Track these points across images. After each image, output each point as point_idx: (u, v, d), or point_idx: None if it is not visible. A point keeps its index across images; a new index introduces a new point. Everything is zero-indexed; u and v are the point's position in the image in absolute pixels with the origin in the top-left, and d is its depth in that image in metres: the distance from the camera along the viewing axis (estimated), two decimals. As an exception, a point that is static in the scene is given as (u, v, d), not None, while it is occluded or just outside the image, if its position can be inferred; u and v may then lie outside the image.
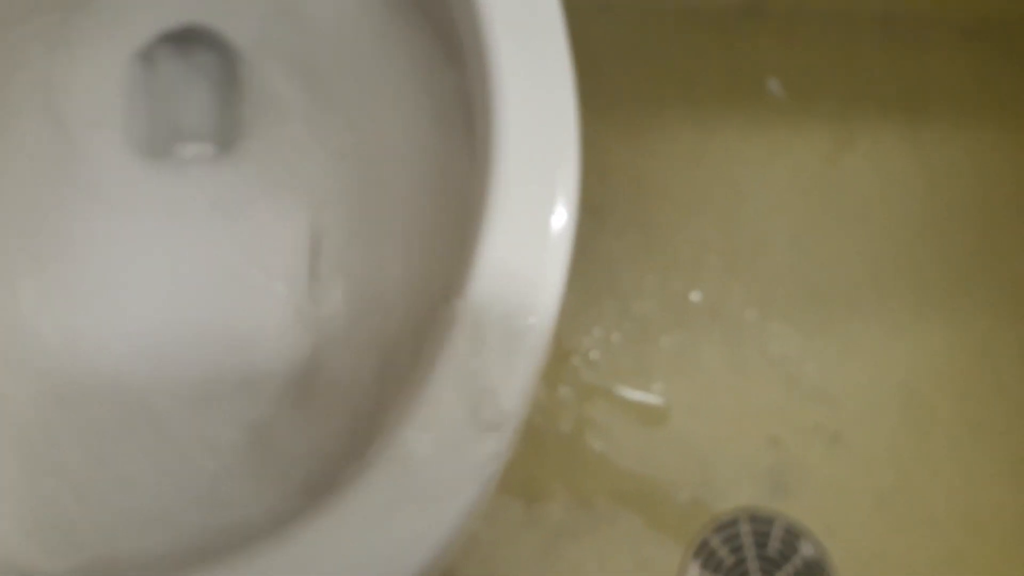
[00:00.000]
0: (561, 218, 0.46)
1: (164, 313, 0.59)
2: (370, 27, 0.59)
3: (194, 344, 0.59)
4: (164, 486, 0.54)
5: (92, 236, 0.57)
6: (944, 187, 0.98)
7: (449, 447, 0.43)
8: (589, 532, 0.84)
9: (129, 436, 0.53)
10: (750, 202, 0.96)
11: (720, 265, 0.93)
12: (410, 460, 0.42)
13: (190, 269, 0.60)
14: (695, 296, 0.92)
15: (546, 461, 0.86)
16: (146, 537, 0.49)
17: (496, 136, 0.47)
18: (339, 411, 0.56)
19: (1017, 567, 0.86)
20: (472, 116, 0.52)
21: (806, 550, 0.85)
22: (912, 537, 0.87)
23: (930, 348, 0.92)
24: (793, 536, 0.85)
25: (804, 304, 0.93)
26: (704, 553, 0.84)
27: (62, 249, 0.56)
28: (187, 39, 0.61)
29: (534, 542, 0.83)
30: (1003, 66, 1.02)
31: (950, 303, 0.94)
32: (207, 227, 0.61)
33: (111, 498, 0.51)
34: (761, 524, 0.85)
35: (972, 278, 0.95)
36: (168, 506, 0.53)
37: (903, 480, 0.89)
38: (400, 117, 0.59)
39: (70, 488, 0.51)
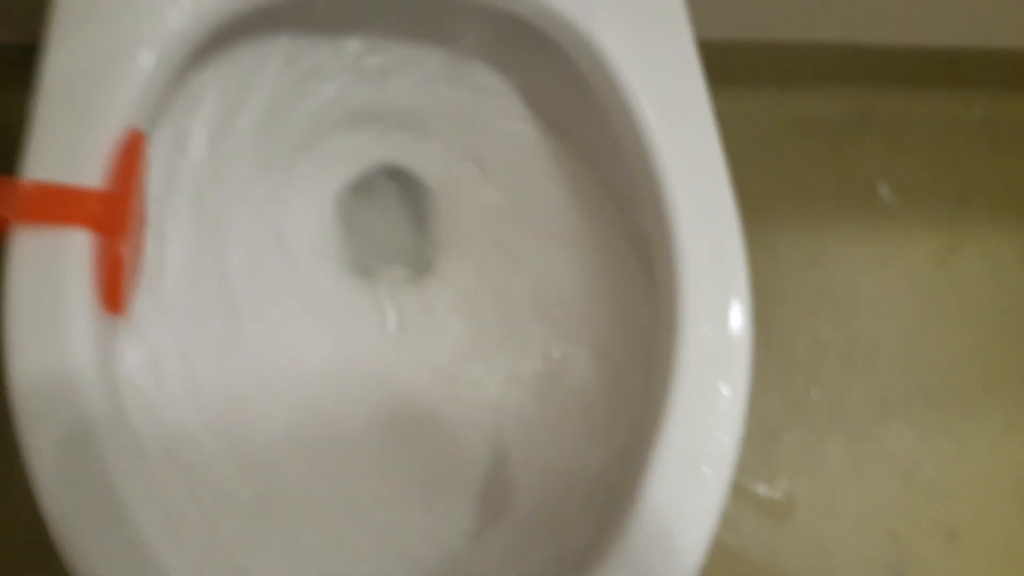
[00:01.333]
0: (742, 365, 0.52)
1: (359, 402, 0.65)
2: (545, 175, 0.66)
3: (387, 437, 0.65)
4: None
5: (310, 339, 0.64)
6: (1050, 287, 1.02)
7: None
8: (723, 624, 0.88)
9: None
10: (865, 303, 1.00)
11: (838, 363, 0.98)
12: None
13: (383, 370, 0.66)
14: (815, 393, 0.96)
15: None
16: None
17: (677, 282, 0.53)
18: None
19: None
20: (647, 261, 0.58)
21: (929, 644, 0.87)
22: (1030, 632, 0.90)
23: (1041, 445, 0.96)
24: (916, 630, 0.88)
25: (920, 402, 0.97)
26: (832, 646, 0.87)
27: (280, 344, 0.63)
28: (385, 177, 0.69)
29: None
30: (1106, 171, 1.06)
31: (1059, 401, 0.98)
32: (396, 340, 0.67)
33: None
34: (885, 618, 0.88)
35: (1080, 376, 0.99)
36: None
37: None
38: (572, 264, 0.65)
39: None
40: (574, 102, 0.62)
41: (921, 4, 0.96)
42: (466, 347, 0.67)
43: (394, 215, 0.69)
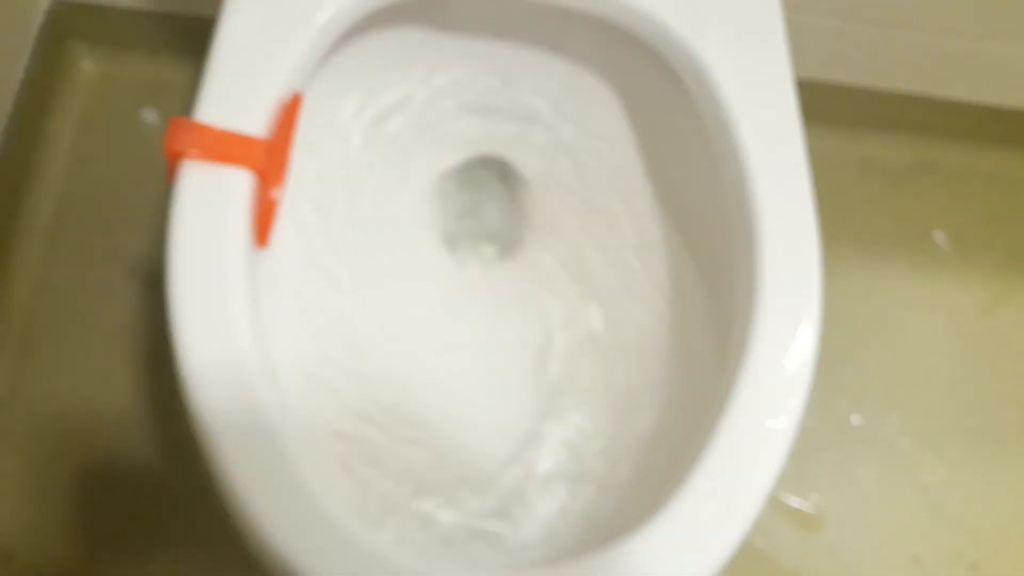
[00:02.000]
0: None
1: (435, 361, 0.72)
2: (634, 187, 0.73)
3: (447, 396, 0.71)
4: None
5: (406, 303, 0.71)
6: (1090, 346, 1.06)
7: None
8: (747, 620, 0.93)
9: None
10: (911, 340, 1.06)
11: (880, 394, 1.03)
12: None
13: (462, 335, 0.73)
14: (855, 419, 1.02)
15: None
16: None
17: (756, 297, 0.59)
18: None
19: None
20: (717, 290, 0.65)
21: (940, 665, 0.92)
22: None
23: (1069, 493, 1.00)
24: (929, 651, 0.93)
25: (955, 439, 1.02)
26: (848, 654, 0.92)
27: (382, 305, 0.71)
28: (485, 165, 0.76)
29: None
30: None
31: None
32: (479, 310, 0.74)
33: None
34: (901, 635, 0.93)
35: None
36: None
37: (1033, 614, 0.96)
38: (646, 265, 0.71)
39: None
40: (675, 118, 0.69)
41: (993, 67, 1.02)
42: (538, 328, 0.73)
43: (490, 200, 0.76)
